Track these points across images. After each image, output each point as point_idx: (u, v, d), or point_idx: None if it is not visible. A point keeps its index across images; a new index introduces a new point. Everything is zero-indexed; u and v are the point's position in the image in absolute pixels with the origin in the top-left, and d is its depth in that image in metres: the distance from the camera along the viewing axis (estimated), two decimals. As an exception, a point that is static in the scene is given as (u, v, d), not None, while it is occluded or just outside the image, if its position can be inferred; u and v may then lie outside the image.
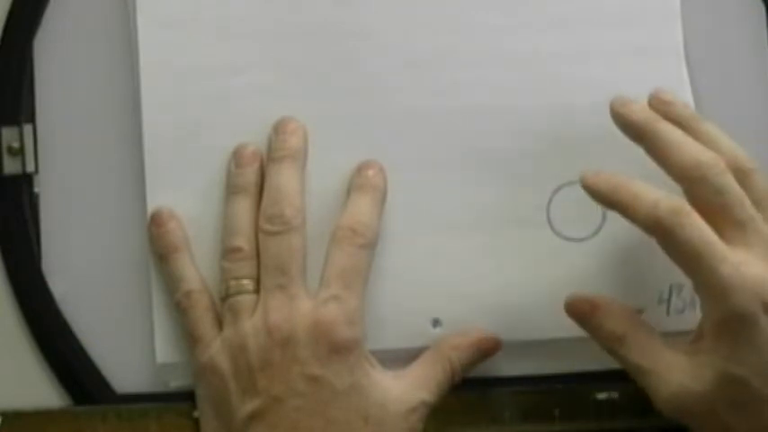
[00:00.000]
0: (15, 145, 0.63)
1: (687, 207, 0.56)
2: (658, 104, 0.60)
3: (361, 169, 0.62)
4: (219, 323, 0.60)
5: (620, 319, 0.59)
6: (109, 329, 0.63)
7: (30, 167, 0.63)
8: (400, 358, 0.61)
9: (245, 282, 0.60)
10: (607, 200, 0.58)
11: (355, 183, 0.62)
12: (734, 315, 0.55)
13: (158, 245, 0.62)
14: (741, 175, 0.58)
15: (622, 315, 0.59)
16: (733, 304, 0.55)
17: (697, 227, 0.55)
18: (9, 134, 0.63)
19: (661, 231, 0.56)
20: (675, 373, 0.57)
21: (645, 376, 0.58)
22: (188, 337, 0.61)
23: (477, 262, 0.62)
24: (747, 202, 0.57)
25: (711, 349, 0.56)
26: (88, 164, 0.63)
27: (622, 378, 0.62)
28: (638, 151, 0.61)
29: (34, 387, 0.63)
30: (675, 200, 0.56)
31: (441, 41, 0.63)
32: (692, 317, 0.62)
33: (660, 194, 0.56)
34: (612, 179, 0.58)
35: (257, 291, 0.60)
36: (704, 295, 0.56)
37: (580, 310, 0.60)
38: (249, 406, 0.58)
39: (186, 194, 0.62)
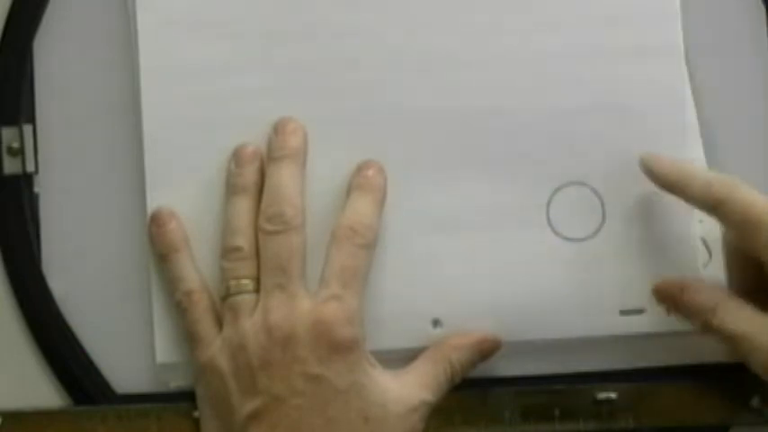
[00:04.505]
0: (15, 145, 0.63)
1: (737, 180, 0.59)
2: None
3: (361, 169, 0.62)
4: (219, 323, 0.60)
5: (710, 292, 0.60)
6: (109, 329, 0.63)
7: (30, 167, 0.63)
8: (400, 358, 0.61)
9: (245, 281, 0.60)
10: (663, 181, 0.60)
11: (355, 183, 0.62)
12: None
13: (158, 245, 0.62)
14: None
15: (711, 289, 0.60)
16: None
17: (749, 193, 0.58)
18: (9, 134, 0.63)
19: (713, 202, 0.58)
20: None
21: (740, 343, 0.58)
22: (188, 336, 0.61)
23: (477, 262, 0.62)
24: None
25: None
26: (88, 164, 0.63)
27: (622, 378, 0.63)
28: (638, 152, 0.61)
29: (34, 387, 0.63)
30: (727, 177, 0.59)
31: (440, 41, 0.63)
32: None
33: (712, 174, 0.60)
34: (669, 162, 0.61)
35: (257, 290, 0.60)
36: None
37: (670, 293, 0.61)
38: (249, 405, 0.58)
39: (186, 194, 0.62)
